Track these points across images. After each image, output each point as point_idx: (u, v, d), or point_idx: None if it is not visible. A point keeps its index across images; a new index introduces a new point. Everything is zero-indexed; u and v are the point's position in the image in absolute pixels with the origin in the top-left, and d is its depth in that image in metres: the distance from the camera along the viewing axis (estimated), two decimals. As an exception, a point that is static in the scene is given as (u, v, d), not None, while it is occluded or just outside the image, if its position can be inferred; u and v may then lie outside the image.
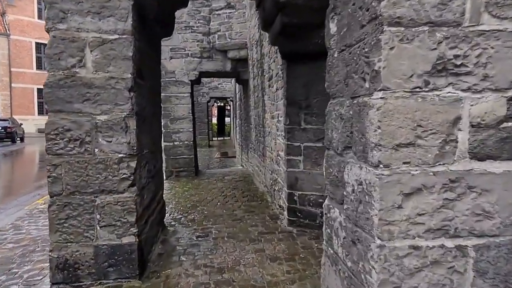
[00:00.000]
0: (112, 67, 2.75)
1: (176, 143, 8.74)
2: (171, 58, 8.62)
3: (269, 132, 5.74)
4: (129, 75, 2.78)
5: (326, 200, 1.99)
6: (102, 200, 2.78)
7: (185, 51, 8.67)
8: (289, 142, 4.19)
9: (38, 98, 32.26)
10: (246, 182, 7.63)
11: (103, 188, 2.78)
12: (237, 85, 12.55)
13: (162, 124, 9.05)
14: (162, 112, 9.41)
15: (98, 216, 2.79)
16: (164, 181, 8.88)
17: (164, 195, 6.51)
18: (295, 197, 4.19)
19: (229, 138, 26.74)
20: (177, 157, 8.75)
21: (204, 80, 19.36)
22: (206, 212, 5.13)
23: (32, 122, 32.28)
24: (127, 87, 2.78)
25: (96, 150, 2.76)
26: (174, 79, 8.64)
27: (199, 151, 17.22)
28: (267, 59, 5.73)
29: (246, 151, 9.95)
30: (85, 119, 2.74)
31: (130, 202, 2.82)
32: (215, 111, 29.17)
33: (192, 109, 9.00)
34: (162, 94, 9.35)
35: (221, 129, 27.37)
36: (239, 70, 8.90)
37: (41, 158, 16.90)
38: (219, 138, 26.62)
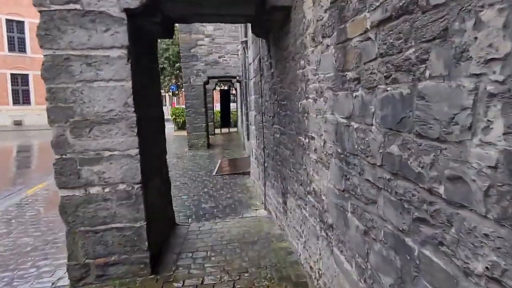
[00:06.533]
0: None
1: (94, 190, 3.09)
2: None
3: None
4: None
5: None
6: None
7: None
8: None
9: (12, 85, 27.89)
10: None
11: None
12: (251, 46, 6.72)
13: (53, 137, 3.33)
14: (48, 104, 3.56)
15: None
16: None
17: None
18: None
19: (235, 129, 21.34)
20: (99, 228, 3.11)
21: (199, 52, 13.35)
22: None
23: (6, 113, 27.92)
24: None
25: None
26: (78, 7, 2.91)
27: (193, 158, 11.27)
28: None
29: (281, 191, 4.26)
30: None
31: None
32: (217, 96, 23.52)
33: (149, 94, 3.31)
34: (44, 54, 3.56)
35: (226, 119, 21.72)
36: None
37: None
38: (223, 130, 21.17)
